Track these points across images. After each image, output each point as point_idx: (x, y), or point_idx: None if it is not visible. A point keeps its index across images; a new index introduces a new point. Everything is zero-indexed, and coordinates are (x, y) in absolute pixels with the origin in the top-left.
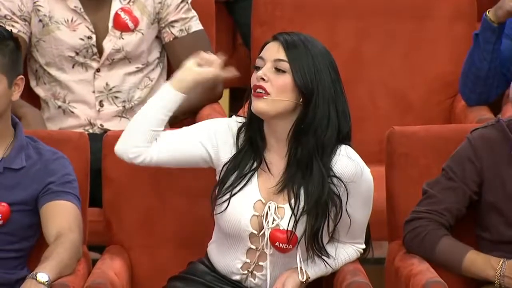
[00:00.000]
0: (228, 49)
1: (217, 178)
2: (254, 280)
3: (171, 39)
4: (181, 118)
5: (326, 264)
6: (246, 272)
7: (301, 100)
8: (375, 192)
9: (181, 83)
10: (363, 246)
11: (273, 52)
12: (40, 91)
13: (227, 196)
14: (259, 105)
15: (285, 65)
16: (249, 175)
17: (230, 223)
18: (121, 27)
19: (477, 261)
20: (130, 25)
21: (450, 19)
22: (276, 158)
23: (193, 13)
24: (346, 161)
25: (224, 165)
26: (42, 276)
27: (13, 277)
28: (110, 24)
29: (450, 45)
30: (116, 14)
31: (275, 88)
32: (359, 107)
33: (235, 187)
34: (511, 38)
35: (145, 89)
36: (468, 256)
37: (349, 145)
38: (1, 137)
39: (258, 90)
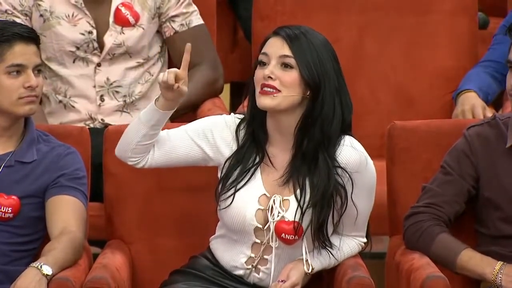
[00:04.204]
0: (229, 43)
1: (219, 174)
2: (258, 274)
3: (172, 33)
4: (182, 112)
5: (331, 255)
6: (250, 267)
7: (308, 93)
8: (376, 187)
9: (164, 106)
10: (365, 239)
11: (278, 48)
12: None
13: (232, 191)
14: (266, 102)
15: (292, 61)
16: (252, 169)
17: (235, 218)
18: (122, 22)
19: (473, 259)
20: (131, 20)
21: (452, 14)
22: (279, 151)
23: (193, 7)
24: (351, 151)
25: (226, 161)
26: (47, 269)
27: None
28: (111, 19)
29: (452, 40)
30: (117, 9)
31: (284, 85)
32: (360, 101)
33: (239, 182)
34: None
35: (146, 83)
36: (464, 254)
37: (352, 135)
38: (13, 131)
39: (267, 88)
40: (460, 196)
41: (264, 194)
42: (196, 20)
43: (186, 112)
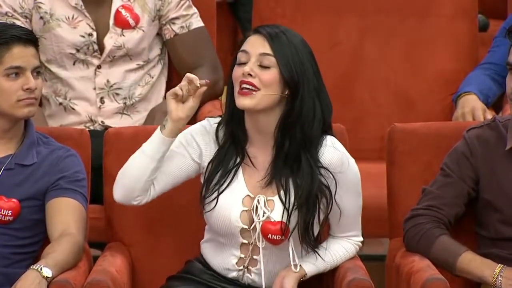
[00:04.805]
0: (229, 45)
1: (202, 178)
2: (251, 275)
3: (172, 36)
4: None
5: (318, 256)
6: (241, 267)
7: (286, 93)
8: (376, 189)
9: (173, 131)
10: (361, 238)
11: (258, 45)
12: None
13: (215, 194)
14: (246, 102)
15: (271, 59)
16: (233, 170)
17: (220, 220)
18: (122, 24)
19: (473, 261)
20: (131, 22)
21: (451, 17)
22: (260, 151)
23: (193, 10)
24: (333, 152)
25: (208, 164)
26: (47, 271)
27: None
28: (111, 21)
29: (452, 43)
30: (117, 11)
31: (263, 83)
32: (360, 104)
33: (222, 184)
34: None
35: (146, 86)
36: (464, 256)
37: (333, 135)
38: (13, 133)
39: (245, 86)
40: (460, 198)
41: (248, 195)
42: (196, 22)
43: None
